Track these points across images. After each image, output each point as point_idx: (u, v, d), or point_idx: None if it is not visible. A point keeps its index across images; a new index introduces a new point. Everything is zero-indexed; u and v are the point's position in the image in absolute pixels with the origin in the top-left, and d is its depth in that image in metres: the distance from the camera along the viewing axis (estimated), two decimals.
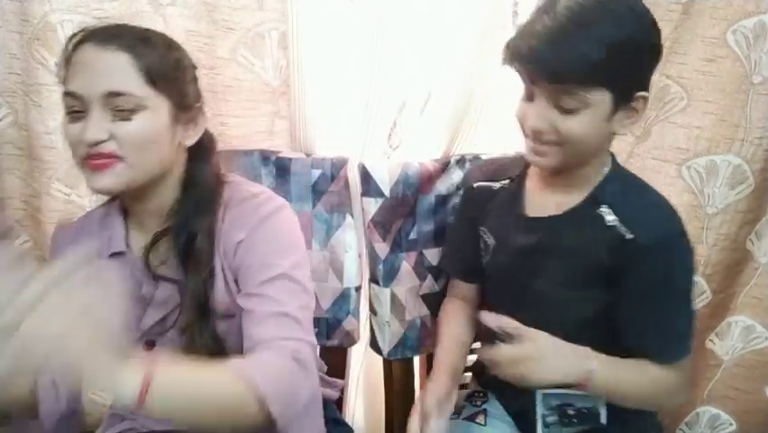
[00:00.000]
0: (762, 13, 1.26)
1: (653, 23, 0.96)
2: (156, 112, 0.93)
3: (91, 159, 0.91)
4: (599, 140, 1.00)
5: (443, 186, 1.34)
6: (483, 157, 1.36)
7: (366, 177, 1.27)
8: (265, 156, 1.29)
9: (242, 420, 0.84)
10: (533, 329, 0.97)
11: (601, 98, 0.94)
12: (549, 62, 0.92)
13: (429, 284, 1.36)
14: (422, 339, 1.37)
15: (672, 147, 1.37)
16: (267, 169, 1.29)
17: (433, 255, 1.35)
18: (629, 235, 1.00)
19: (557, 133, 0.97)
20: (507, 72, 1.35)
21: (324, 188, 1.29)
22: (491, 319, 0.98)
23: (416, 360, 1.43)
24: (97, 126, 0.89)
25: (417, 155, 1.34)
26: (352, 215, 1.31)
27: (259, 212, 0.99)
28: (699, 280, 1.42)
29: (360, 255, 1.33)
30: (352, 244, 1.30)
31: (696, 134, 1.35)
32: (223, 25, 1.24)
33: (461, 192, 1.30)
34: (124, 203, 1.04)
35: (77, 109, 0.91)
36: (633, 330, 1.03)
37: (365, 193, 1.28)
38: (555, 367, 0.95)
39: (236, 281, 0.99)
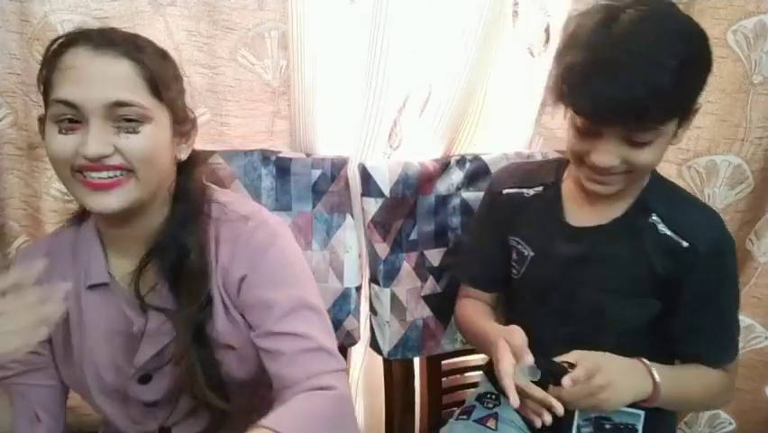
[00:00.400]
0: (762, 13, 1.26)
1: (707, 38, 0.94)
2: (159, 125, 0.88)
3: (90, 177, 0.84)
4: (661, 157, 0.99)
5: (443, 186, 1.34)
6: (484, 157, 1.36)
7: (366, 177, 1.27)
8: (265, 156, 1.29)
9: None
10: (592, 355, 0.94)
11: (672, 125, 0.94)
12: (623, 107, 0.88)
13: (431, 285, 1.36)
14: (424, 340, 1.36)
15: (672, 147, 1.36)
16: (267, 169, 1.28)
17: (434, 256, 1.35)
18: (685, 244, 1.00)
19: (628, 166, 0.96)
20: (507, 72, 1.36)
21: (324, 189, 1.29)
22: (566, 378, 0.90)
23: (417, 360, 1.43)
24: (99, 140, 0.83)
25: (417, 155, 1.33)
26: (352, 215, 1.31)
27: (256, 244, 0.93)
28: None
29: (360, 255, 1.33)
30: (353, 244, 1.30)
31: (696, 134, 1.35)
32: (223, 25, 1.24)
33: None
34: (101, 226, 0.96)
35: (70, 118, 0.84)
36: (689, 336, 1.03)
37: (365, 193, 1.27)
38: (626, 390, 0.94)
39: (242, 316, 0.94)
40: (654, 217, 1.03)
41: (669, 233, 1.02)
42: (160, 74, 0.88)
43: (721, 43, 1.29)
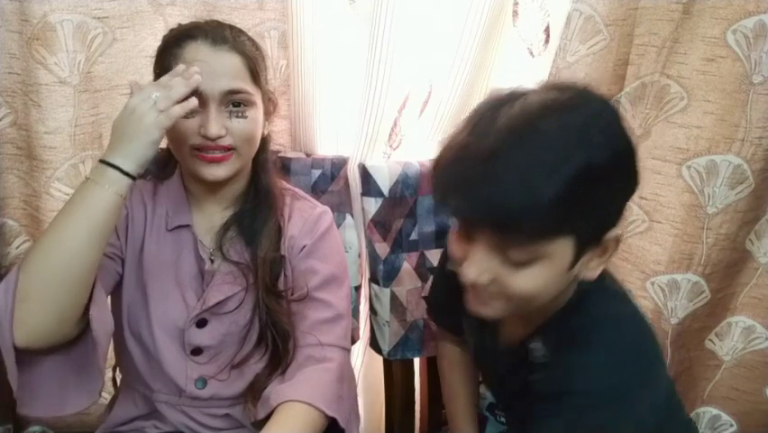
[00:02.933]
0: (762, 12, 1.25)
1: (626, 139, 0.76)
2: (258, 108, 1.04)
3: (206, 152, 0.99)
4: (558, 290, 0.81)
5: None
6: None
7: (366, 177, 1.27)
8: (273, 157, 1.29)
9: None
10: None
11: (561, 247, 0.74)
12: (488, 207, 0.70)
13: None
14: (424, 341, 1.36)
15: (672, 147, 1.37)
16: None
17: (434, 256, 1.35)
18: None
19: (502, 289, 0.77)
20: (507, 72, 1.36)
21: (323, 188, 1.29)
22: None
23: (417, 360, 1.43)
24: (218, 122, 0.98)
25: (417, 155, 1.34)
26: (351, 214, 1.31)
27: (321, 226, 1.11)
28: (699, 279, 1.42)
29: (360, 255, 1.33)
30: (352, 243, 1.31)
31: (696, 134, 1.35)
32: None
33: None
34: (192, 186, 1.09)
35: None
36: None
37: (365, 193, 1.28)
38: None
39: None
40: (536, 344, 0.87)
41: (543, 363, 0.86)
42: (258, 63, 1.04)
43: (721, 43, 1.29)
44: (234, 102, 0.99)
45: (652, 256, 1.44)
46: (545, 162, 0.68)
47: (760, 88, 1.29)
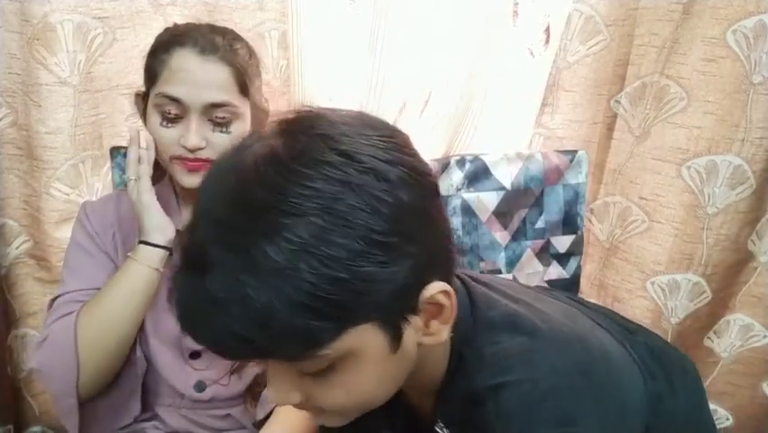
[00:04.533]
0: (762, 12, 1.25)
1: (401, 181, 0.55)
2: (245, 119, 1.02)
3: (186, 160, 0.99)
4: (396, 376, 0.64)
5: (443, 186, 1.34)
6: (484, 157, 1.35)
7: None
8: None
9: None
10: None
11: (359, 338, 0.56)
12: (222, 340, 0.53)
13: None
14: None
15: (672, 147, 1.37)
16: None
17: None
18: None
19: (318, 404, 0.62)
20: (507, 72, 1.36)
21: None
22: None
23: None
24: (198, 134, 0.97)
25: None
26: None
27: None
28: (700, 280, 1.43)
29: None
30: None
31: (696, 134, 1.35)
32: (222, 25, 1.23)
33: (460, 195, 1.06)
34: (182, 191, 1.08)
35: (173, 112, 0.97)
36: None
37: None
38: None
39: None
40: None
41: None
42: (248, 74, 1.01)
43: (721, 43, 1.29)
44: (218, 115, 0.98)
45: (652, 256, 1.44)
46: (268, 267, 0.50)
47: (760, 88, 1.29)
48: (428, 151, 1.36)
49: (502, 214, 1.38)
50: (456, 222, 1.37)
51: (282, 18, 1.27)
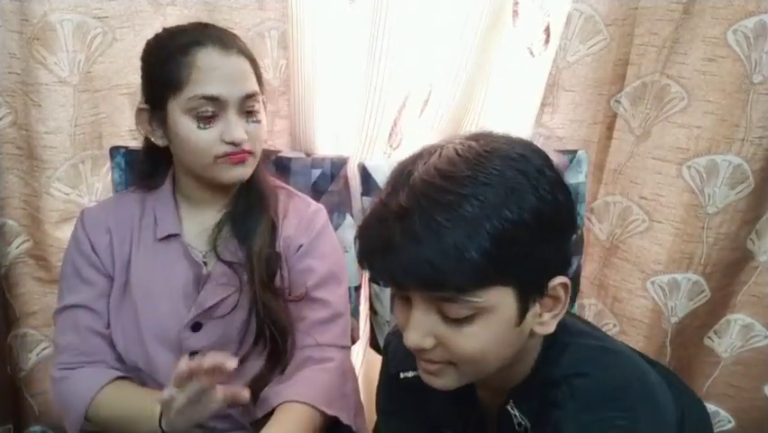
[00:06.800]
0: (762, 12, 1.26)
1: (558, 185, 0.70)
2: (263, 109, 1.04)
3: (231, 155, 0.99)
4: (513, 349, 0.74)
5: None
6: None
7: (366, 177, 1.27)
8: (265, 155, 1.28)
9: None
10: None
11: (500, 299, 0.68)
12: (408, 266, 0.66)
13: None
14: None
15: (672, 147, 1.37)
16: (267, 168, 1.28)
17: None
18: None
19: (446, 351, 0.71)
20: (507, 72, 1.36)
21: (324, 188, 1.29)
22: None
23: None
24: (241, 128, 0.98)
25: None
26: (351, 214, 1.31)
27: (317, 224, 1.11)
28: (699, 279, 1.43)
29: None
30: (352, 243, 1.30)
31: (696, 134, 1.35)
32: (222, 25, 1.22)
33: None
34: (189, 191, 1.08)
35: (211, 111, 0.97)
36: None
37: (365, 193, 1.28)
38: None
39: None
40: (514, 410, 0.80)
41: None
42: (257, 64, 1.03)
43: (721, 43, 1.29)
44: (249, 105, 0.99)
45: (652, 256, 1.44)
46: (463, 215, 0.64)
47: (760, 88, 1.29)
48: None
49: None
50: None
51: (282, 18, 1.28)
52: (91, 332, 1.05)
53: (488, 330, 0.69)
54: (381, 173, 1.26)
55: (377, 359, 1.41)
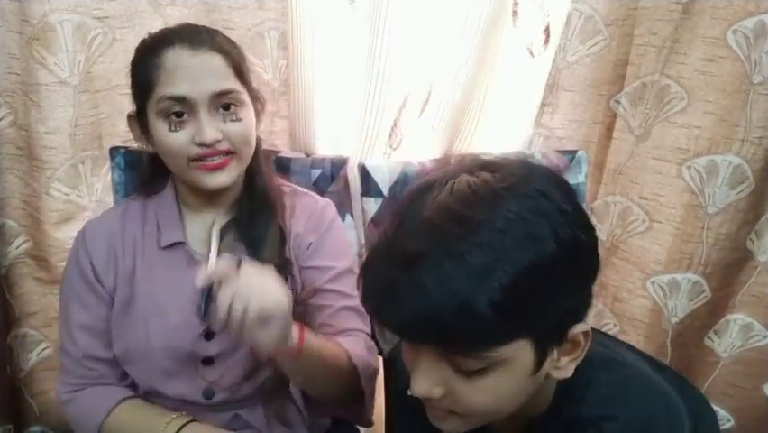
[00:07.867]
0: (762, 13, 1.26)
1: (580, 222, 0.65)
2: (248, 107, 1.00)
3: (206, 160, 0.96)
4: (524, 396, 0.70)
5: None
6: (484, 157, 1.35)
7: (366, 177, 1.27)
8: (265, 156, 1.28)
9: (344, 386, 0.99)
10: None
11: (516, 351, 0.64)
12: (416, 320, 0.61)
13: None
14: None
15: (672, 147, 1.37)
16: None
17: None
18: None
19: (455, 402, 0.68)
20: (507, 72, 1.36)
21: (324, 188, 1.29)
22: None
23: None
24: (212, 127, 0.94)
25: (417, 155, 1.33)
26: (352, 215, 1.31)
27: (326, 219, 1.09)
28: (699, 279, 1.43)
29: (360, 255, 1.33)
30: (353, 243, 1.30)
31: (696, 134, 1.35)
32: (222, 25, 1.24)
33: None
34: (188, 197, 1.06)
35: (177, 113, 0.94)
36: None
37: (365, 193, 1.27)
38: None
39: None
40: None
41: None
42: (239, 60, 0.99)
43: (721, 43, 1.29)
44: (225, 104, 0.96)
45: (652, 256, 1.44)
46: (476, 267, 0.59)
47: (760, 88, 1.29)
48: (428, 151, 1.36)
49: None
50: None
51: (282, 18, 1.28)
52: (90, 358, 1.04)
53: (502, 382, 0.66)
54: (381, 173, 1.26)
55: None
